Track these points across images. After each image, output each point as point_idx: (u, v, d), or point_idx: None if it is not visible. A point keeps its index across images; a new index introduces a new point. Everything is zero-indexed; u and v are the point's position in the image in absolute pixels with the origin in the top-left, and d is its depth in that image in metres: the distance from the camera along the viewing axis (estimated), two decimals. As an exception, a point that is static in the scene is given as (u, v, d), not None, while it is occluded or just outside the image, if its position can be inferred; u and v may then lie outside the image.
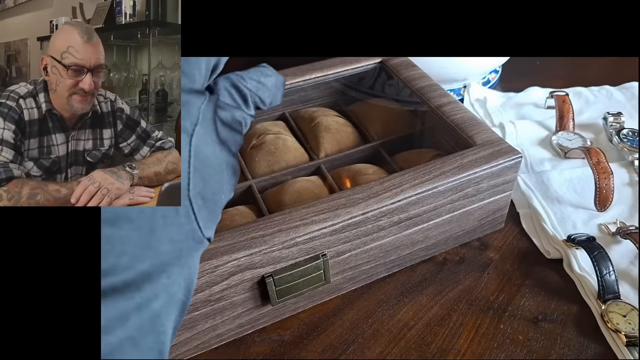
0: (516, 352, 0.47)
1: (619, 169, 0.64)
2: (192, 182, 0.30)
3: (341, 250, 0.47)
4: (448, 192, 0.49)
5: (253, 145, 0.61)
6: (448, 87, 0.79)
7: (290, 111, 0.68)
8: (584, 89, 0.80)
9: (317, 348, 0.48)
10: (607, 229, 0.57)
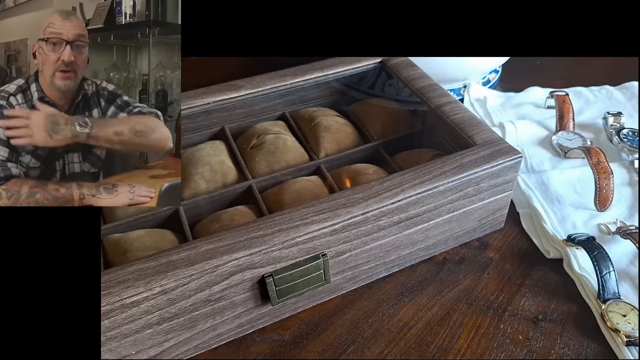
0: (516, 352, 0.47)
1: (619, 169, 0.64)
2: None
3: (341, 250, 0.47)
4: (448, 192, 0.49)
5: (253, 145, 0.61)
6: (448, 87, 0.79)
7: (290, 111, 0.68)
8: (584, 89, 0.80)
9: (317, 348, 0.48)
10: (607, 229, 0.57)
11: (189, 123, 0.63)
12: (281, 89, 0.63)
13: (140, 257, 0.42)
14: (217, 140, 0.63)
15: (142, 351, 0.42)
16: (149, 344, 0.42)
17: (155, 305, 0.40)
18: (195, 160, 0.58)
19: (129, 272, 0.40)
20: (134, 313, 0.39)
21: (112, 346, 0.40)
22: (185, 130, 0.63)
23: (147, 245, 0.48)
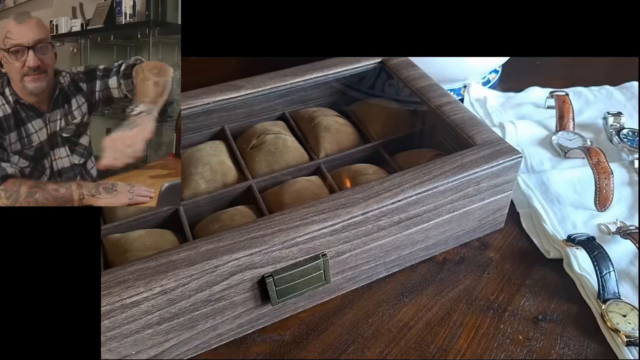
0: (516, 352, 0.47)
1: (619, 169, 0.64)
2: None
3: (341, 250, 0.47)
4: (448, 192, 0.49)
5: (253, 145, 0.61)
6: (448, 87, 0.79)
7: (290, 111, 0.68)
8: (584, 89, 0.80)
9: (317, 348, 0.48)
10: (607, 229, 0.57)
11: (189, 123, 0.63)
12: (281, 89, 0.63)
13: (140, 257, 0.42)
14: (217, 140, 0.63)
15: (142, 351, 0.42)
16: (149, 344, 0.43)
17: (155, 305, 0.40)
18: (195, 160, 0.58)
19: (129, 272, 0.40)
20: (134, 313, 0.39)
21: (112, 346, 0.40)
22: (185, 130, 0.63)
23: (147, 245, 0.48)
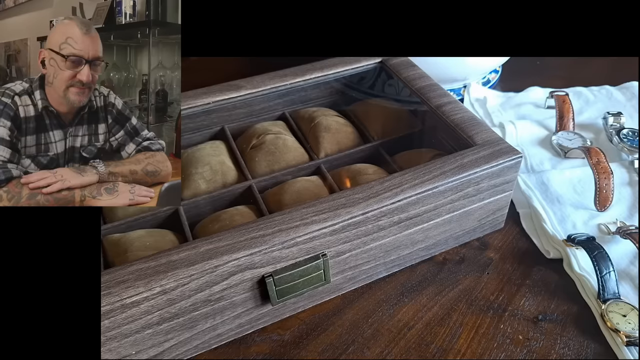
0: (516, 352, 0.47)
1: (619, 169, 0.64)
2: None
3: (341, 250, 0.47)
4: (448, 192, 0.49)
5: (253, 145, 0.61)
6: (448, 87, 0.79)
7: (290, 111, 0.68)
8: (584, 89, 0.80)
9: (317, 348, 0.48)
10: (607, 229, 0.57)
11: (189, 123, 0.63)
12: (281, 89, 0.63)
13: (140, 257, 0.42)
14: (217, 140, 0.63)
15: (142, 351, 0.42)
16: (149, 344, 0.43)
17: (155, 305, 0.40)
18: (195, 160, 0.58)
19: (129, 272, 0.40)
20: (134, 313, 0.39)
21: (112, 346, 0.40)
22: (185, 130, 0.63)
23: (147, 245, 0.48)
